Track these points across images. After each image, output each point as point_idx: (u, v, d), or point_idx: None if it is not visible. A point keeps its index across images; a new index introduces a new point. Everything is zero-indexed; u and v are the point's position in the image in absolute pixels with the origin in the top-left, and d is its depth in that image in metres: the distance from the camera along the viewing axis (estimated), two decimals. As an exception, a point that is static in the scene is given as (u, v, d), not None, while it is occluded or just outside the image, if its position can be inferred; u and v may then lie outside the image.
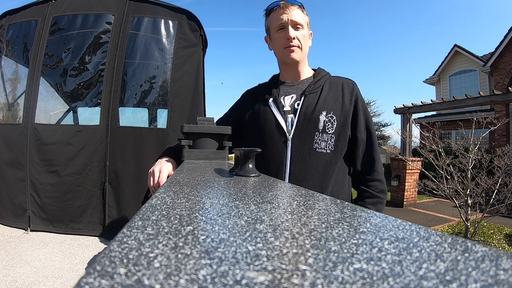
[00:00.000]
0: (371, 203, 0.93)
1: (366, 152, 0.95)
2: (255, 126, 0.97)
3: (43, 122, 2.94)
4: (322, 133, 0.89)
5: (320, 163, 0.88)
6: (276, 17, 0.93)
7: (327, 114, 0.90)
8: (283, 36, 0.92)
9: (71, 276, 1.96)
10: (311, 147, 0.89)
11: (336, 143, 0.90)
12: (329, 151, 0.89)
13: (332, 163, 0.90)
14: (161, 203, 0.26)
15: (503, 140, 7.90)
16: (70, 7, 2.93)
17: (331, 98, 0.93)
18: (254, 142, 0.96)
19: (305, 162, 0.88)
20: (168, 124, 2.84)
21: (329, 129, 0.89)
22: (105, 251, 0.14)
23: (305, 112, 0.90)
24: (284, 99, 0.96)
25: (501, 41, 8.63)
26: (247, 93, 1.10)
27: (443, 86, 11.16)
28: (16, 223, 2.81)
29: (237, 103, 1.11)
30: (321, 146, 0.89)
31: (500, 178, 3.38)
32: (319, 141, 0.89)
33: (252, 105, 1.00)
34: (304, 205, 0.30)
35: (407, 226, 0.21)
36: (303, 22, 0.94)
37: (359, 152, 0.94)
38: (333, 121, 0.90)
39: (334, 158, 0.90)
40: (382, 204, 0.94)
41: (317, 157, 0.88)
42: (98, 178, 2.75)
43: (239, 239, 0.17)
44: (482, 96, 4.88)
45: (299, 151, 0.89)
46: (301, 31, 0.93)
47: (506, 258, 0.15)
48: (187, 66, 2.93)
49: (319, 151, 0.89)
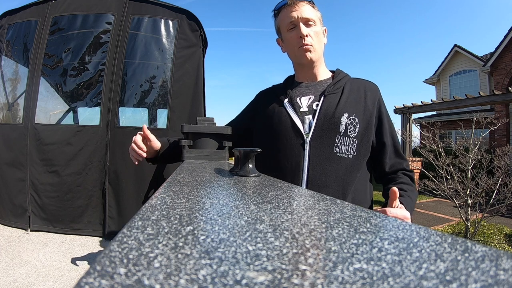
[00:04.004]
0: (407, 188, 0.83)
1: (394, 159, 0.89)
2: (269, 128, 0.91)
3: (43, 122, 2.94)
4: (343, 136, 0.82)
5: (341, 169, 0.81)
6: (285, 16, 0.88)
7: (349, 116, 0.83)
8: (295, 35, 0.86)
9: (71, 276, 1.96)
10: (331, 151, 0.81)
11: (359, 147, 0.83)
12: (350, 156, 0.82)
13: (354, 169, 0.82)
14: (161, 203, 0.26)
15: (503, 140, 7.90)
16: (70, 7, 2.93)
17: (353, 100, 0.86)
18: (268, 145, 0.89)
19: (324, 167, 0.81)
20: (168, 124, 2.84)
21: (351, 132, 0.82)
22: (105, 252, 0.14)
23: (325, 114, 0.83)
24: (301, 100, 0.90)
25: (501, 41, 8.64)
26: (261, 94, 1.05)
27: (443, 86, 11.16)
28: (16, 223, 2.81)
29: (250, 104, 1.05)
30: (342, 150, 0.82)
31: (500, 178, 3.38)
32: (340, 145, 0.82)
33: (266, 106, 0.95)
34: (304, 205, 0.30)
35: (407, 226, 0.21)
36: (315, 17, 0.87)
37: (387, 159, 0.88)
38: (355, 124, 0.83)
39: (356, 163, 0.83)
40: (415, 195, 0.85)
41: (338, 162, 0.81)
42: (98, 178, 2.75)
43: (239, 239, 0.17)
44: (482, 96, 4.88)
45: (317, 155, 0.82)
46: (314, 27, 0.87)
47: (506, 258, 0.15)
48: (187, 66, 2.93)
49: (340, 156, 0.81)
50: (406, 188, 0.82)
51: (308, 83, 0.93)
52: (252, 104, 1.04)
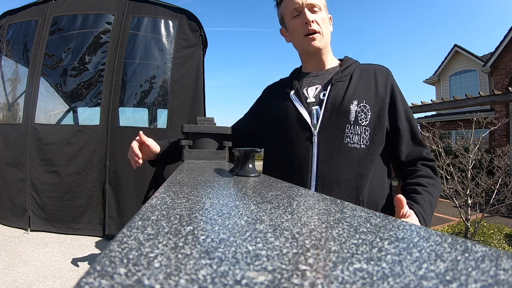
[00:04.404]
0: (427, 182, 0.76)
1: (411, 146, 0.82)
2: (275, 123, 0.87)
3: (43, 122, 2.94)
4: (354, 125, 0.76)
5: (354, 161, 0.75)
6: (289, 2, 0.84)
7: (359, 104, 0.77)
8: (300, 22, 0.82)
9: (71, 276, 1.96)
10: (341, 142, 0.76)
11: (372, 136, 0.77)
12: (363, 146, 0.76)
13: (368, 160, 0.76)
14: (161, 203, 0.26)
15: (503, 140, 7.90)
16: (70, 7, 2.93)
17: (362, 86, 0.80)
18: (275, 141, 0.86)
19: (335, 159, 0.75)
20: (168, 124, 2.84)
21: (362, 120, 0.77)
22: (105, 252, 0.14)
23: (332, 103, 0.78)
24: (308, 90, 0.85)
25: (501, 41, 8.63)
26: (267, 89, 1.00)
27: (443, 86, 11.16)
28: (16, 223, 2.81)
29: (257, 101, 1.01)
30: (353, 141, 0.76)
31: (500, 178, 3.39)
32: (351, 135, 0.76)
33: (272, 100, 0.91)
34: (304, 205, 0.30)
35: (407, 226, 0.21)
36: (320, 3, 0.83)
37: (403, 147, 0.81)
38: (366, 111, 0.77)
39: (370, 154, 0.77)
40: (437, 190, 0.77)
41: (350, 153, 0.75)
42: (98, 178, 2.75)
43: (239, 239, 0.17)
44: (482, 96, 4.88)
45: (327, 147, 0.76)
46: (320, 13, 0.83)
47: (506, 258, 0.15)
48: (187, 66, 2.93)
49: (351, 146, 0.76)
50: (425, 183, 0.76)
51: (315, 73, 0.88)
52: (257, 104, 1.01)
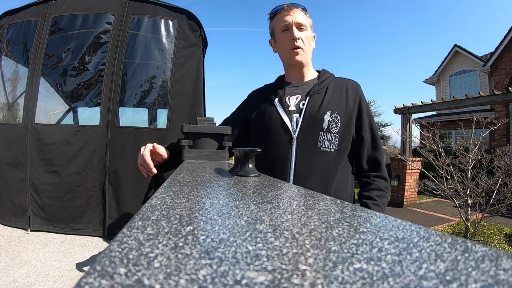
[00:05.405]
0: (377, 194, 0.94)
1: (371, 151, 0.98)
2: (261, 125, 0.99)
3: (43, 122, 2.94)
4: (326, 132, 0.91)
5: (324, 162, 0.90)
6: (280, 19, 0.97)
7: (331, 114, 0.92)
8: (288, 37, 0.95)
9: (71, 276, 1.96)
10: (315, 146, 0.91)
11: (340, 142, 0.92)
12: (333, 150, 0.91)
13: (336, 162, 0.92)
14: (161, 203, 0.26)
15: (503, 140, 7.90)
16: (70, 7, 2.92)
17: (335, 99, 0.95)
18: (260, 141, 0.97)
19: (309, 160, 0.90)
20: (168, 124, 2.84)
21: (333, 128, 0.92)
22: (105, 252, 0.14)
23: (310, 112, 0.93)
24: (290, 99, 0.99)
25: (501, 41, 8.64)
26: (253, 93, 1.13)
27: (443, 86, 11.16)
28: (16, 223, 2.81)
29: (244, 103, 1.12)
30: (325, 145, 0.91)
31: (500, 178, 3.38)
32: (324, 140, 0.91)
33: (258, 105, 1.03)
34: (304, 205, 0.30)
35: (407, 226, 0.21)
36: (307, 23, 0.96)
37: (364, 151, 0.97)
38: (337, 121, 0.92)
39: (338, 157, 0.92)
40: (386, 198, 0.96)
41: (321, 156, 0.90)
42: (98, 178, 2.75)
43: (239, 239, 0.17)
44: (482, 96, 4.88)
45: (303, 149, 0.91)
46: (305, 32, 0.96)
47: (506, 258, 0.15)
48: (187, 66, 2.93)
49: (323, 150, 0.91)
50: (375, 196, 0.93)
51: (296, 84, 1.02)
52: (244, 106, 1.10)
